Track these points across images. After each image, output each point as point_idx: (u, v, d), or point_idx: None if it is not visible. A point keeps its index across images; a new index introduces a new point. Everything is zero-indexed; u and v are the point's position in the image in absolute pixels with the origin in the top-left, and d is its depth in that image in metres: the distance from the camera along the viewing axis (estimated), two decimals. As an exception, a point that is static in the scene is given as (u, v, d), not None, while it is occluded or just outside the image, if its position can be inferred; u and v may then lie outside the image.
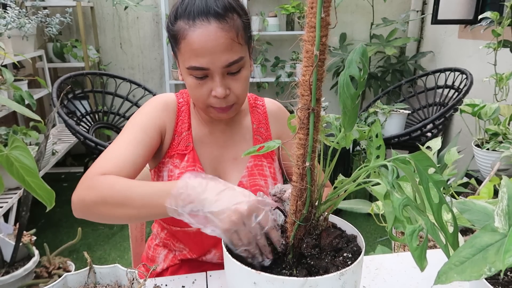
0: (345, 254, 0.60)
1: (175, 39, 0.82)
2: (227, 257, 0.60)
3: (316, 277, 0.54)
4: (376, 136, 0.61)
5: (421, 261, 0.40)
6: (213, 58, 0.79)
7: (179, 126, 0.94)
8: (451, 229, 0.46)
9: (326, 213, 0.64)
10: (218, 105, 0.85)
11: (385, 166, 0.52)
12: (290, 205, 0.61)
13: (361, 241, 0.64)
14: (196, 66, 0.80)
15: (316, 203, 0.61)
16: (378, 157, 0.60)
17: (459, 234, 0.50)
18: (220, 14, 0.79)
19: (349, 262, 0.59)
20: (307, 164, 0.55)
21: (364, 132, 0.66)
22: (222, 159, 0.97)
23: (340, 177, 0.64)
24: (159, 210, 0.67)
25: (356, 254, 0.61)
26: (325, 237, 0.63)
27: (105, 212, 0.72)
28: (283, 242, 0.64)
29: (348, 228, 0.69)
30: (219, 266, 1.00)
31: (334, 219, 0.70)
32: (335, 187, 0.63)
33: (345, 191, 0.61)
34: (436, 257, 0.95)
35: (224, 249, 0.62)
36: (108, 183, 0.73)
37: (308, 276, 0.55)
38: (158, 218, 0.71)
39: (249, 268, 0.56)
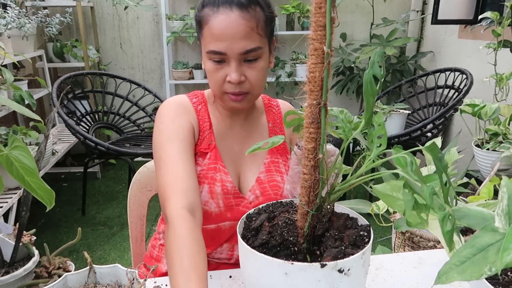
0: (361, 233, 0.64)
1: (199, 24, 0.88)
2: (251, 253, 0.59)
3: (344, 259, 0.56)
4: (379, 125, 0.62)
5: (450, 244, 0.45)
6: (231, 44, 0.83)
7: (201, 125, 0.96)
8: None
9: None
10: (232, 90, 0.88)
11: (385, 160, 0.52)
12: (300, 196, 0.61)
13: (363, 221, 0.69)
14: (215, 50, 0.84)
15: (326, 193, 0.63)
16: (380, 145, 0.60)
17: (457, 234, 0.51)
18: (243, 4, 0.84)
19: (366, 240, 0.62)
20: (320, 156, 0.57)
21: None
22: (241, 155, 0.99)
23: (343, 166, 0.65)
24: None
25: (367, 231, 0.64)
26: (335, 220, 0.66)
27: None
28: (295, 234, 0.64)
29: (346, 211, 0.72)
30: (226, 264, 1.01)
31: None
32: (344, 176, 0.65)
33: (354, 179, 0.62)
34: (436, 257, 0.95)
35: (246, 246, 0.61)
36: (171, 245, 0.73)
37: (335, 260, 0.57)
38: None
39: (280, 260, 0.56)
